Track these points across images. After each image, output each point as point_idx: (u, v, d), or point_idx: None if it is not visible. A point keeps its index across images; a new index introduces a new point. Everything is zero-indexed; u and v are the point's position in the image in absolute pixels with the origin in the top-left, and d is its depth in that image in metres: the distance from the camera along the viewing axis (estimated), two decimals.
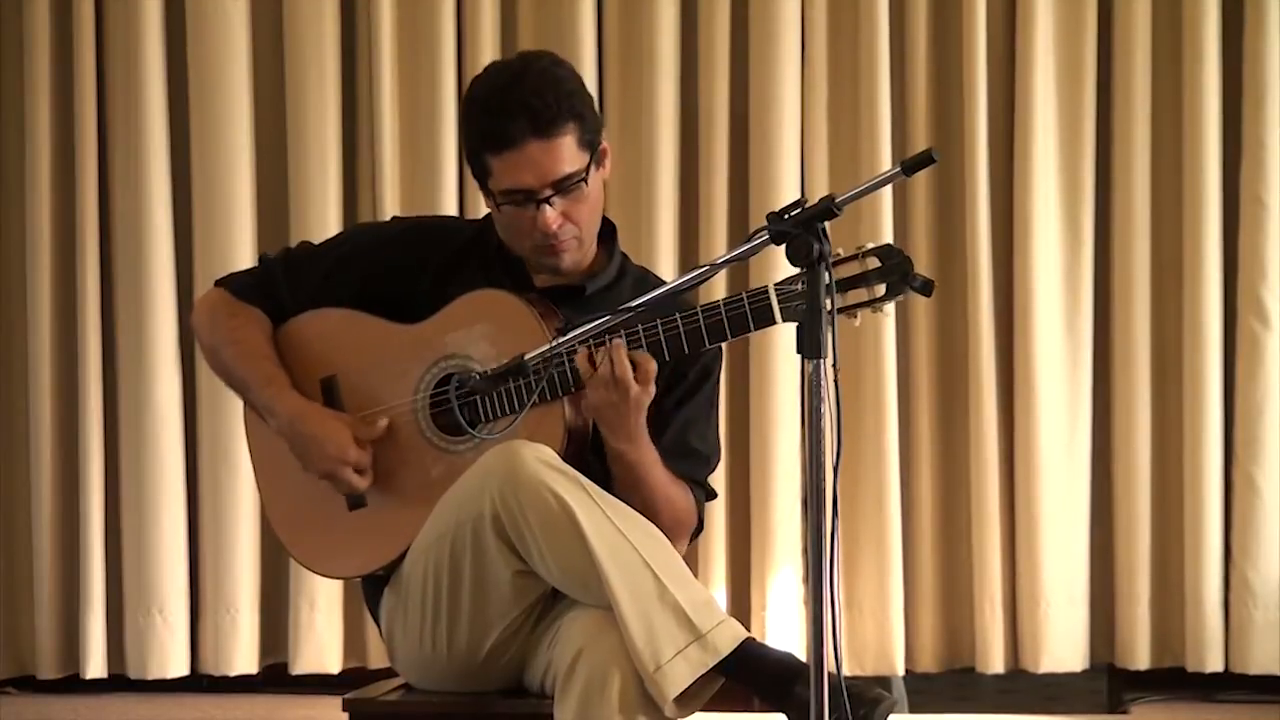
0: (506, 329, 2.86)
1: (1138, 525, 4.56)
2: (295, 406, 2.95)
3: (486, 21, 4.65)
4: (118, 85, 4.72)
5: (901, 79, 4.61)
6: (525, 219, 2.89)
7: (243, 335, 3.01)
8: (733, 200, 4.63)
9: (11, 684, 4.80)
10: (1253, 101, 4.51)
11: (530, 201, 2.88)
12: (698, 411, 3.00)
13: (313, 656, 4.69)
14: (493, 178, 2.90)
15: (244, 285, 3.07)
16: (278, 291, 3.04)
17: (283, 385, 2.97)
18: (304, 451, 2.94)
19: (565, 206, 2.89)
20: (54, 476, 4.74)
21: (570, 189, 2.88)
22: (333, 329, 3.01)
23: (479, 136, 2.90)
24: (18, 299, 4.77)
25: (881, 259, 2.59)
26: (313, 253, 3.08)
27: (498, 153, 2.87)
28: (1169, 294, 4.59)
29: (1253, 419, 4.51)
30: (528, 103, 2.85)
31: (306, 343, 3.02)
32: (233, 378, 3.04)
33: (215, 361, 3.07)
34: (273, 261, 3.08)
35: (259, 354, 3.00)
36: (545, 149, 2.86)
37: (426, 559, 2.81)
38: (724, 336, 2.78)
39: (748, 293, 2.74)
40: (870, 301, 2.60)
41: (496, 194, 2.91)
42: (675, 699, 2.63)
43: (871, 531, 4.57)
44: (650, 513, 2.83)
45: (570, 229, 2.91)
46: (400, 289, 2.98)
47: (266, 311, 3.04)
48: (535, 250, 2.93)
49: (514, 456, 2.71)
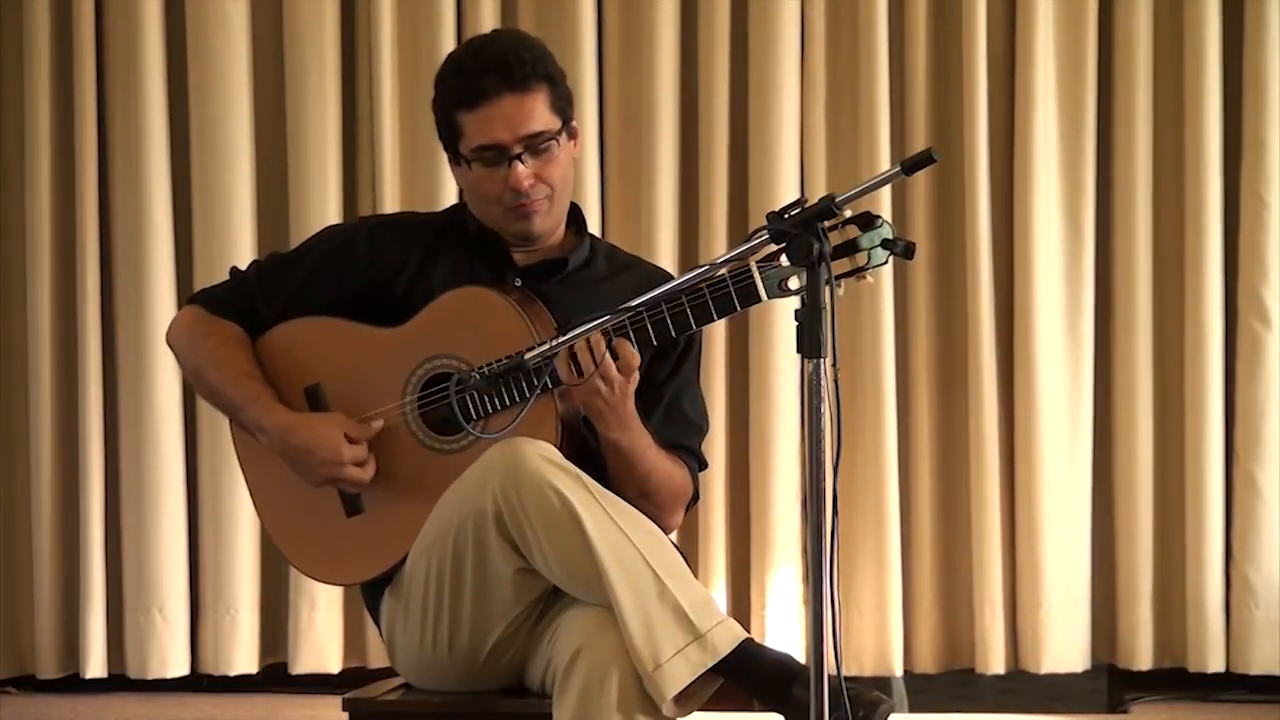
0: (489, 326, 2.86)
1: (1138, 525, 4.56)
2: (283, 421, 2.94)
3: (486, 22, 4.64)
4: (118, 85, 4.72)
5: (901, 79, 4.61)
6: (496, 179, 2.92)
7: (223, 355, 3.00)
8: (733, 200, 4.63)
9: (11, 684, 4.80)
10: (1253, 100, 4.51)
11: (503, 159, 2.91)
12: (686, 380, 3.03)
13: (313, 656, 4.69)
14: (464, 138, 2.93)
15: (218, 300, 3.06)
16: (253, 304, 3.03)
17: (269, 402, 2.96)
18: (299, 463, 2.93)
19: (536, 167, 2.92)
20: (54, 476, 4.74)
21: (542, 148, 2.92)
22: (313, 337, 2.99)
23: (452, 95, 2.94)
24: (18, 299, 4.78)
25: (861, 227, 2.58)
26: (285, 261, 3.07)
27: (471, 108, 2.91)
28: (1170, 293, 4.58)
29: (1253, 419, 4.51)
30: (502, 58, 2.90)
31: (287, 353, 3.00)
32: (218, 399, 3.03)
33: (199, 383, 3.06)
34: (245, 274, 3.07)
35: (241, 373, 2.99)
36: (518, 103, 2.90)
37: (428, 557, 2.81)
38: (710, 318, 2.79)
39: (730, 273, 2.74)
40: (854, 271, 2.59)
41: (467, 154, 2.93)
42: (673, 698, 2.63)
43: (871, 531, 4.57)
44: (647, 494, 2.87)
45: (542, 188, 2.94)
46: (377, 288, 2.98)
47: (243, 325, 3.03)
48: (505, 215, 2.95)
49: (516, 454, 2.71)
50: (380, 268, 2.99)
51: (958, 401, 4.62)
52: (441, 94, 2.97)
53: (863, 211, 2.60)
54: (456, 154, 2.97)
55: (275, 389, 2.98)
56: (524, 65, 2.90)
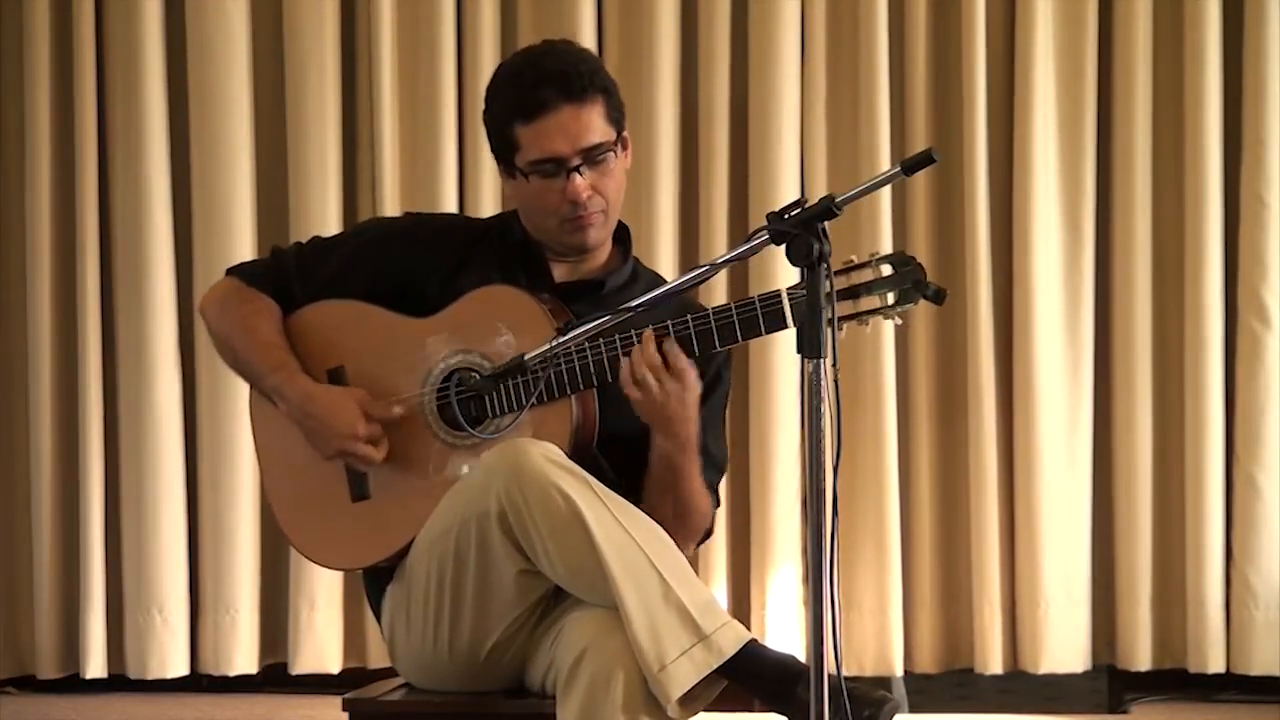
0: (516, 324, 2.86)
1: (1138, 525, 4.56)
2: (305, 389, 2.95)
3: (486, 22, 4.65)
4: (118, 85, 4.72)
5: (901, 79, 4.61)
6: (554, 191, 2.90)
7: (254, 323, 3.01)
8: (733, 200, 4.63)
9: (11, 684, 4.80)
10: (1253, 100, 4.51)
11: (561, 170, 2.89)
12: (712, 416, 2.99)
13: (312, 656, 4.69)
14: (521, 150, 2.91)
15: (255, 274, 3.07)
16: (289, 282, 3.04)
17: (293, 370, 2.97)
18: (315, 433, 2.93)
19: (593, 179, 2.91)
20: (54, 476, 4.74)
21: (599, 160, 2.90)
22: (342, 320, 3.01)
23: (508, 108, 2.91)
24: (18, 299, 4.77)
25: (895, 266, 2.60)
26: (325, 246, 3.09)
27: (529, 120, 2.88)
28: (1170, 294, 4.59)
29: (1253, 419, 4.51)
30: (559, 68, 2.89)
31: (315, 332, 3.02)
32: (242, 364, 3.03)
33: (225, 348, 3.06)
34: (285, 252, 3.08)
35: (269, 341, 3.00)
36: (576, 114, 2.88)
37: (431, 555, 2.81)
38: (734, 338, 2.78)
39: (760, 296, 2.75)
40: (882, 309, 2.61)
41: (524, 167, 2.91)
42: (679, 700, 2.63)
43: (871, 532, 4.57)
44: (681, 516, 2.86)
45: (598, 201, 2.92)
46: (411, 285, 2.98)
47: (277, 301, 3.04)
48: (561, 227, 2.93)
49: (521, 454, 2.71)
50: (415, 264, 2.99)
51: (957, 402, 4.62)
52: (496, 106, 2.95)
53: (897, 251, 2.62)
54: (511, 167, 2.94)
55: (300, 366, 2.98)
56: (582, 77, 2.89)
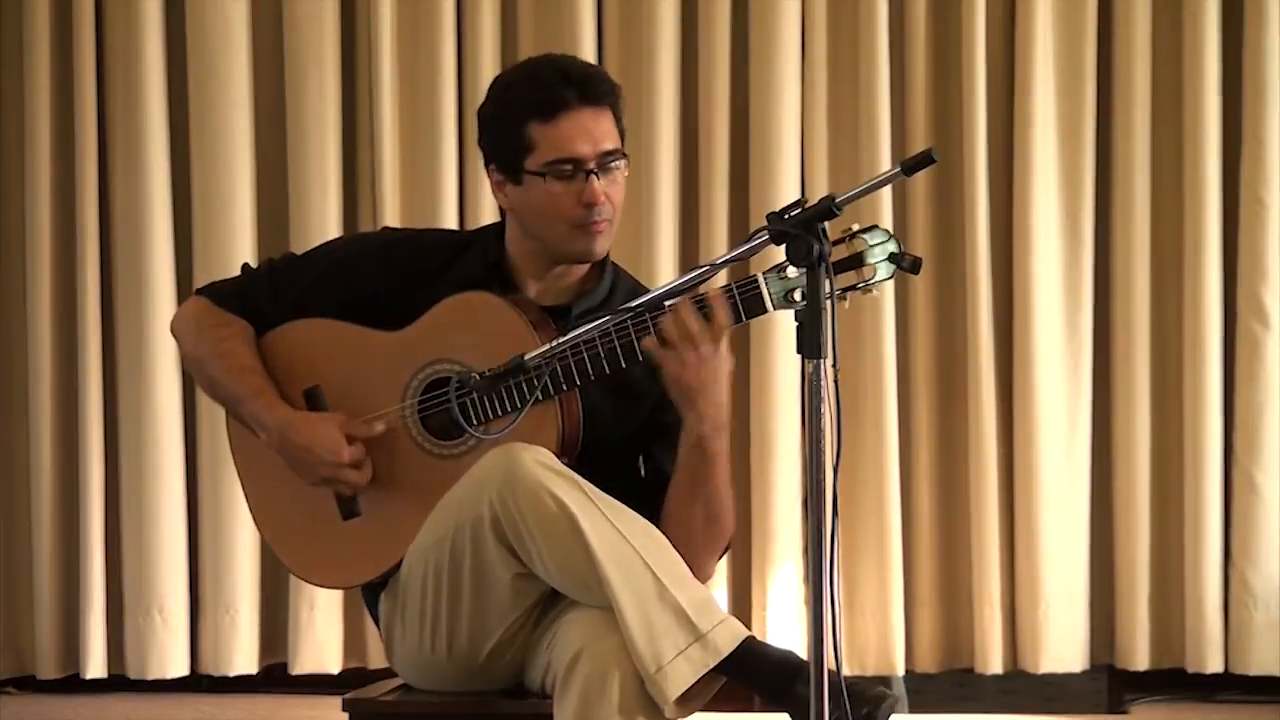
0: (491, 332, 2.84)
1: (1137, 526, 4.56)
2: (284, 417, 2.93)
3: (486, 22, 4.64)
4: (118, 85, 4.72)
5: (901, 79, 4.61)
6: (569, 194, 2.86)
7: (228, 348, 2.98)
8: (733, 200, 4.63)
9: (11, 684, 4.80)
10: (1253, 100, 4.51)
11: (579, 173, 2.85)
12: None
13: (312, 656, 4.69)
14: (536, 151, 2.86)
15: (226, 294, 3.04)
16: (260, 302, 3.01)
17: (270, 397, 2.95)
18: (298, 461, 2.92)
19: (604, 186, 2.87)
20: (54, 476, 4.74)
21: (611, 167, 2.87)
22: (315, 338, 2.98)
23: (525, 107, 2.86)
24: (18, 299, 4.77)
25: (869, 240, 2.58)
26: (297, 264, 3.05)
27: (549, 119, 2.84)
28: (1169, 294, 4.58)
29: (1253, 419, 4.51)
30: (581, 70, 2.88)
31: (289, 353, 2.98)
32: (218, 391, 3.01)
33: (200, 373, 3.05)
34: (256, 271, 3.05)
35: (245, 367, 2.97)
36: (596, 117, 2.86)
37: (425, 562, 2.80)
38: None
39: (737, 283, 2.72)
40: (860, 285, 2.60)
41: (537, 168, 2.86)
42: (676, 699, 2.63)
43: (871, 531, 4.57)
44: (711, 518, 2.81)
45: (608, 208, 2.88)
46: (384, 303, 2.94)
47: (249, 320, 3.01)
48: (571, 232, 2.88)
49: (512, 459, 2.70)
50: (389, 282, 2.95)
51: (957, 401, 4.61)
52: (511, 105, 2.89)
53: (870, 225, 2.60)
54: (517, 170, 2.88)
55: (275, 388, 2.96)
56: (600, 82, 2.87)
